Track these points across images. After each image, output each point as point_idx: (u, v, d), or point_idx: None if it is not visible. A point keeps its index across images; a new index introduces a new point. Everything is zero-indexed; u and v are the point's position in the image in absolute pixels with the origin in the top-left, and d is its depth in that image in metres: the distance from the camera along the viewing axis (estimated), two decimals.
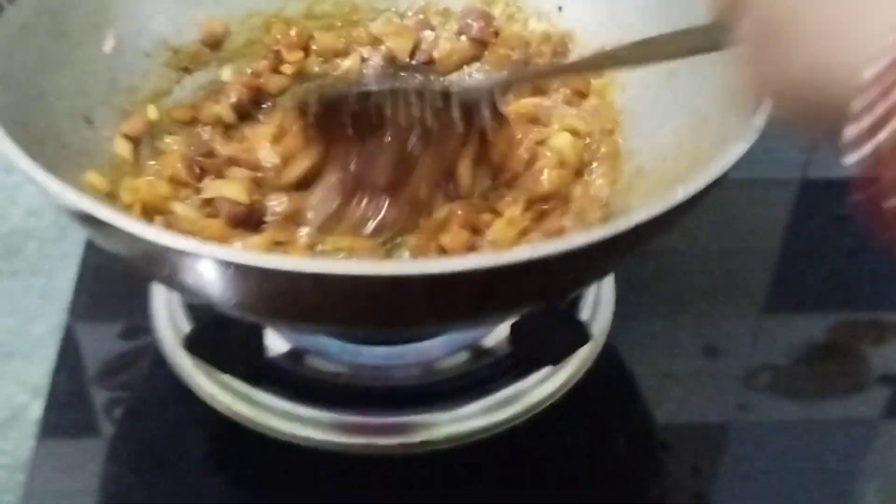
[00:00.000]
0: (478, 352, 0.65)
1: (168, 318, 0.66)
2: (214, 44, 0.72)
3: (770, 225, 0.85)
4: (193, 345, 0.61)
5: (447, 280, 0.43)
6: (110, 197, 0.60)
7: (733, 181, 0.50)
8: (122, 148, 0.64)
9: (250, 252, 0.46)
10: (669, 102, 0.64)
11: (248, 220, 0.61)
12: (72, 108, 0.62)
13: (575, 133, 0.67)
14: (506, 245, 0.60)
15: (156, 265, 0.49)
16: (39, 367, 0.69)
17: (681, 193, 0.46)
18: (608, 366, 0.68)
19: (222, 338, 0.61)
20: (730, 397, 0.70)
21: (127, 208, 0.60)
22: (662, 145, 0.63)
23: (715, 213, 0.79)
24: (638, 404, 0.69)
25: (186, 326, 0.64)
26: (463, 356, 0.65)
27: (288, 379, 0.63)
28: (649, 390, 0.69)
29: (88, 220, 0.46)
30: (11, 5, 0.59)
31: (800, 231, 0.83)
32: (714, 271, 0.79)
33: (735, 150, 0.48)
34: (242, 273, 0.44)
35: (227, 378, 0.62)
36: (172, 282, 0.53)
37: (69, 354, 0.69)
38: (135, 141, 0.65)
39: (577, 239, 0.44)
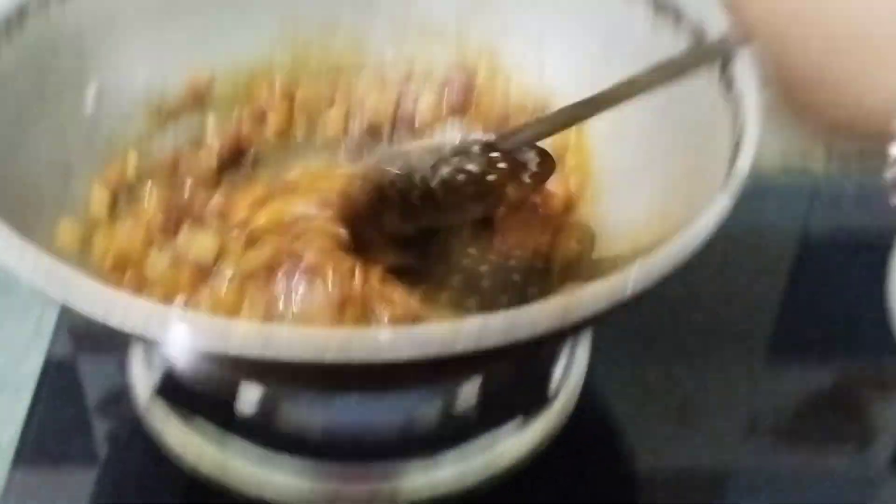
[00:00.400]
0: (451, 402, 0.65)
1: (143, 361, 0.67)
2: (199, 94, 0.72)
3: (771, 273, 0.84)
4: (165, 390, 0.62)
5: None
6: (84, 248, 0.61)
7: (733, 228, 0.50)
8: (101, 198, 0.65)
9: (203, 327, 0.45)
10: (644, 168, 0.64)
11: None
12: (50, 158, 0.63)
13: None
14: None
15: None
16: (27, 405, 0.70)
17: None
18: (591, 416, 0.68)
19: (195, 384, 0.61)
20: (725, 449, 0.69)
21: (100, 259, 0.61)
22: (637, 215, 0.63)
23: (714, 259, 0.79)
24: (622, 457, 0.68)
25: (160, 370, 0.65)
26: (437, 406, 0.65)
27: (260, 428, 0.64)
28: (635, 441, 0.69)
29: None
30: None
31: (801, 279, 0.83)
32: (711, 318, 0.78)
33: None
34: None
35: (199, 424, 0.63)
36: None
37: (46, 392, 0.70)
38: (113, 190, 0.66)
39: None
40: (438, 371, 0.48)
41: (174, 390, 0.62)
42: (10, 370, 0.75)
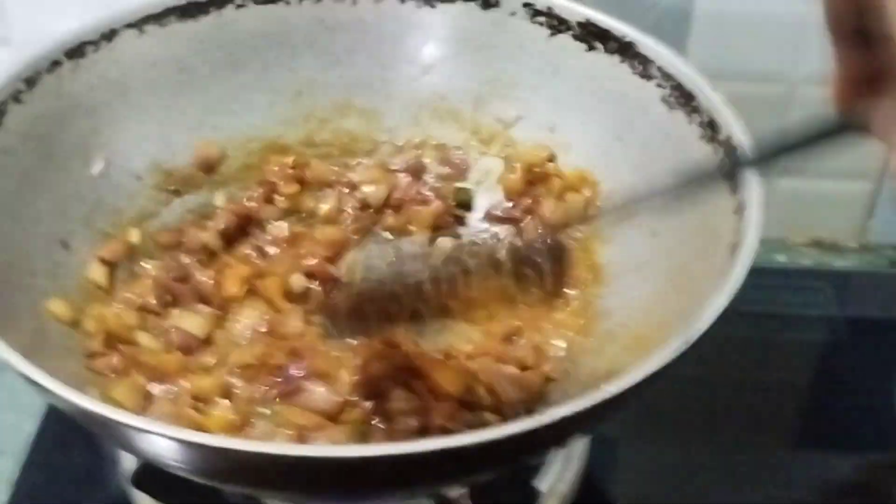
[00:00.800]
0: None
1: None
2: (209, 168, 0.72)
3: (800, 360, 0.82)
4: (142, 480, 0.61)
5: (360, 466, 0.42)
6: (73, 325, 0.60)
7: (765, 315, 0.48)
8: (97, 273, 0.64)
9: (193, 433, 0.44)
10: (649, 264, 0.63)
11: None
12: (49, 232, 0.62)
13: None
14: None
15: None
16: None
17: (608, 390, 0.44)
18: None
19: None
20: None
21: (89, 336, 0.60)
22: (637, 308, 0.61)
23: (744, 345, 0.78)
24: None
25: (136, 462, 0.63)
26: None
27: None
28: None
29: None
30: None
31: (831, 368, 0.81)
32: (739, 404, 0.77)
33: (664, 354, 0.46)
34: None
35: None
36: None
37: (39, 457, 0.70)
38: (111, 265, 0.65)
39: (490, 433, 0.42)
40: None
41: (152, 481, 0.60)
42: (12, 432, 0.75)
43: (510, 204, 0.73)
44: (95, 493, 0.70)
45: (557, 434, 0.47)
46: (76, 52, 0.66)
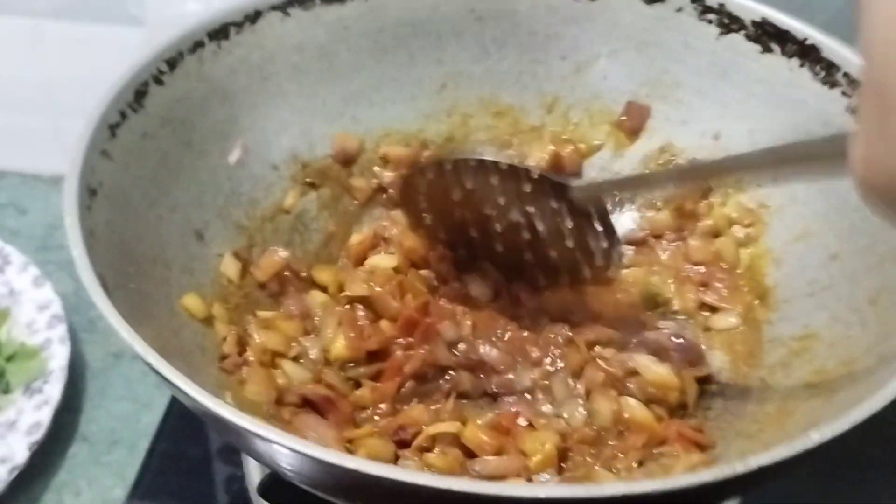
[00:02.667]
0: None
1: None
2: (347, 160, 0.69)
3: None
4: (269, 490, 0.57)
5: None
6: (206, 322, 0.57)
7: None
8: (230, 267, 0.61)
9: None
10: (826, 290, 0.57)
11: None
12: (184, 222, 0.60)
13: None
14: None
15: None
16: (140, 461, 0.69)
17: (815, 437, 0.39)
18: None
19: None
20: None
21: (222, 340, 0.57)
22: (815, 338, 0.56)
23: None
24: None
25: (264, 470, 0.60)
26: None
27: None
28: None
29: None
30: (136, 113, 0.57)
31: None
32: None
33: (885, 393, 0.40)
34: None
35: None
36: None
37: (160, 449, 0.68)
38: (244, 261, 0.62)
39: (681, 479, 0.37)
40: None
41: (280, 493, 0.57)
42: (128, 422, 0.73)
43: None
44: (213, 492, 0.67)
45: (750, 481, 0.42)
46: (219, 33, 0.63)
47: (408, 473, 0.39)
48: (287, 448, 0.40)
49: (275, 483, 0.56)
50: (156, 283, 0.55)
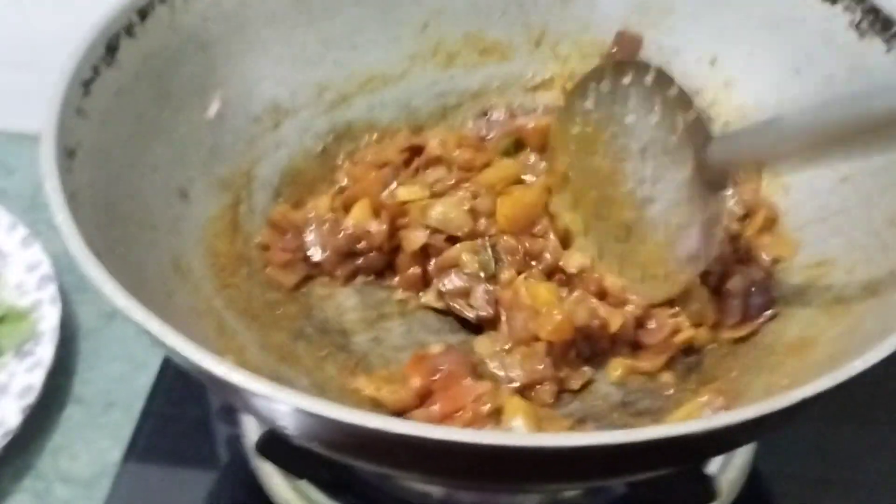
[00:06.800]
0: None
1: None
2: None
3: None
4: (267, 448, 0.55)
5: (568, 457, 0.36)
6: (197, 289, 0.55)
7: None
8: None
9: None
10: (839, 214, 0.55)
11: None
12: (166, 180, 0.56)
13: None
14: None
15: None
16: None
17: (858, 365, 0.37)
18: None
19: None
20: None
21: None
22: (830, 266, 0.54)
23: None
24: None
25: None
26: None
27: (370, 493, 0.57)
28: None
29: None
30: (109, 68, 0.54)
31: None
32: None
33: None
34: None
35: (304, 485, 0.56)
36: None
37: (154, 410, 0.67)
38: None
39: (720, 418, 0.36)
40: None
41: (278, 450, 0.55)
42: (123, 383, 0.71)
43: None
44: (211, 451, 0.66)
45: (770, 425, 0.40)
46: None
47: (413, 426, 0.36)
48: (287, 405, 0.38)
49: (273, 440, 0.54)
50: (144, 246, 0.52)
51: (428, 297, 0.59)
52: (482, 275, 0.57)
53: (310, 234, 0.60)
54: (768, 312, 0.55)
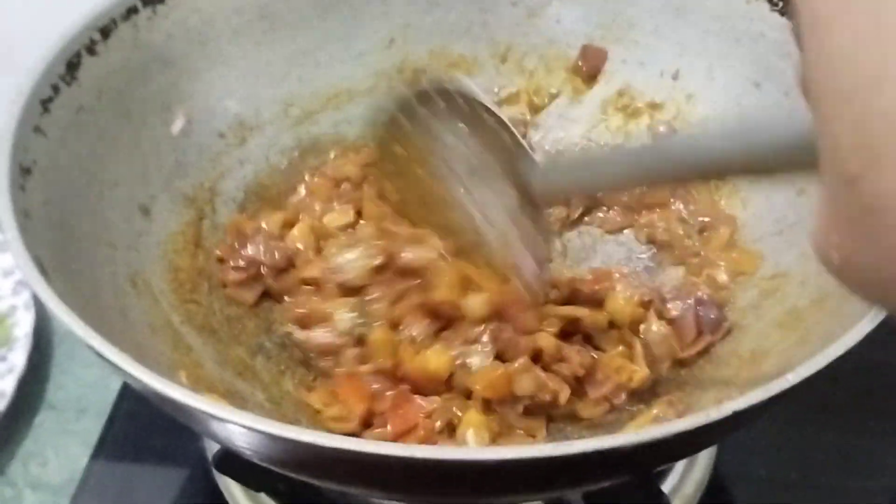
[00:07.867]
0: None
1: None
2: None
3: None
4: (224, 463, 0.55)
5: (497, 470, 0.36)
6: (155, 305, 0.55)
7: None
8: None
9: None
10: (794, 226, 0.56)
11: None
12: (128, 196, 0.57)
13: None
14: None
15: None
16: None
17: (790, 378, 0.37)
18: None
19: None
20: None
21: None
22: (786, 277, 0.54)
23: None
24: None
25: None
26: None
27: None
28: None
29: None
30: (69, 87, 0.54)
31: None
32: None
33: (860, 329, 0.39)
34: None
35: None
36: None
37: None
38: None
39: (649, 432, 0.36)
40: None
41: (234, 465, 0.54)
42: (96, 389, 0.72)
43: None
44: (178, 453, 0.66)
45: (723, 430, 0.40)
46: None
47: (369, 444, 0.37)
48: (239, 425, 0.37)
49: (228, 455, 0.54)
50: (100, 263, 0.52)
51: None
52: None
53: (252, 246, 0.60)
54: (725, 324, 0.55)
